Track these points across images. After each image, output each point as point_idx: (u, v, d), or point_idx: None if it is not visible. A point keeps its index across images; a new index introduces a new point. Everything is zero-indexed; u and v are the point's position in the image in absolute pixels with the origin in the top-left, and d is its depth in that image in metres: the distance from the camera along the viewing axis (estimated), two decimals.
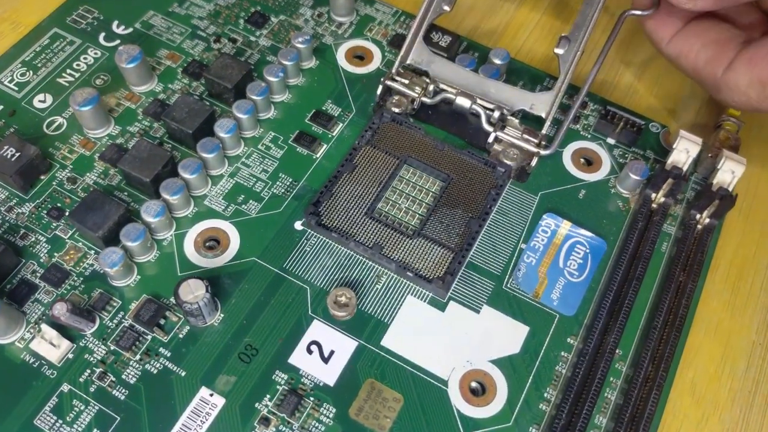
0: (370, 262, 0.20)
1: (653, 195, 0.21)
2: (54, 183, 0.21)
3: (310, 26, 0.26)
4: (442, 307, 0.20)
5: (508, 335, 0.19)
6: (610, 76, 0.26)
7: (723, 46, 0.21)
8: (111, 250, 0.19)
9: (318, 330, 0.19)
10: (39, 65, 0.24)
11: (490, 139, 0.22)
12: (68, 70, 0.24)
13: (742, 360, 0.20)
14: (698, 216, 0.21)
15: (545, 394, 0.19)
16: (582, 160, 0.23)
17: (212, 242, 0.21)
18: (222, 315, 0.19)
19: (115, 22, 0.25)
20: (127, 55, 0.22)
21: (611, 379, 0.19)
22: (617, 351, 0.19)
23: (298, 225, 0.21)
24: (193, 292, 0.18)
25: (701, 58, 0.21)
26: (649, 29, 0.23)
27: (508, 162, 0.22)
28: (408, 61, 0.23)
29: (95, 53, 0.24)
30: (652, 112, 0.25)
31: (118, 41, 0.25)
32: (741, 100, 0.21)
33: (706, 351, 0.20)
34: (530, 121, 0.23)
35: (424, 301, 0.20)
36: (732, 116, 0.24)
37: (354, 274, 0.20)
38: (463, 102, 0.23)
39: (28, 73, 0.24)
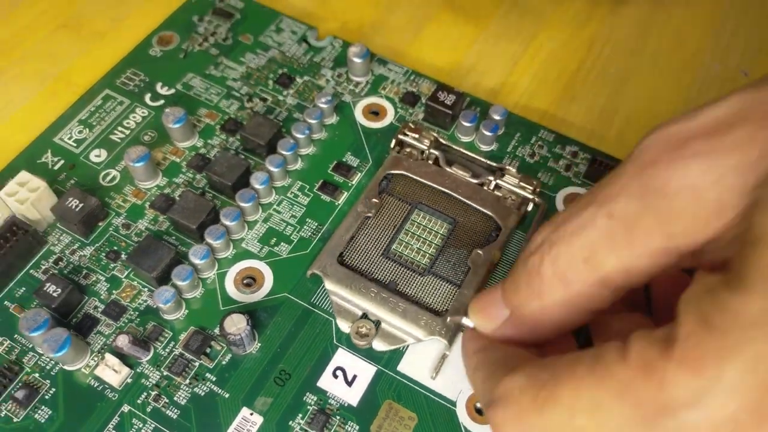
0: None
1: None
2: (110, 229, 0.25)
3: (330, 86, 0.29)
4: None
5: None
6: (599, 128, 0.29)
7: None
8: (164, 288, 0.22)
9: (342, 357, 0.22)
10: (94, 123, 0.27)
11: (491, 187, 0.25)
12: (119, 128, 0.27)
13: None
14: None
15: None
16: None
17: (249, 280, 0.24)
18: (259, 344, 0.22)
19: (159, 84, 0.29)
20: (173, 116, 0.26)
21: None
22: None
23: None
24: (236, 324, 0.21)
25: None
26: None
27: (508, 206, 0.25)
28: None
29: (143, 112, 0.28)
30: None
31: (162, 101, 0.28)
32: None
33: None
34: (526, 169, 0.26)
35: None
36: None
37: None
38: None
39: (84, 130, 0.27)
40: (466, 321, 0.20)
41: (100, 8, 0.32)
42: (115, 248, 0.24)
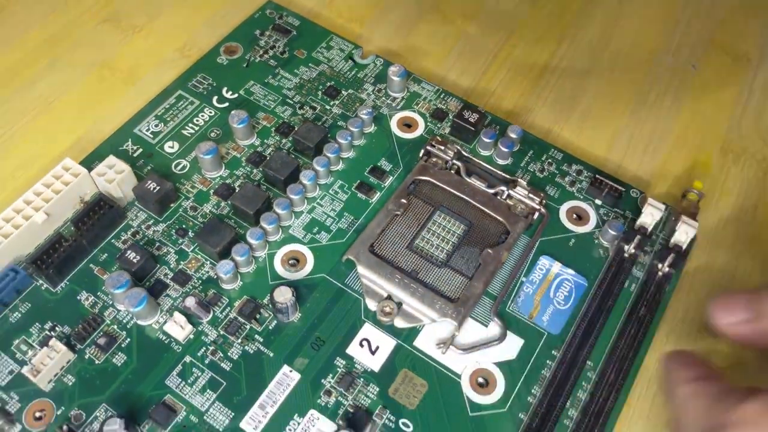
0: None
1: (626, 247, 0.28)
2: (180, 210, 0.29)
3: (371, 99, 0.33)
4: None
5: (508, 345, 0.26)
6: (602, 150, 0.33)
7: None
8: (224, 262, 0.26)
9: (368, 330, 0.26)
10: (168, 119, 0.32)
11: (503, 196, 0.30)
12: (190, 124, 0.32)
13: None
14: (659, 265, 0.28)
15: (532, 390, 0.25)
16: (574, 215, 0.30)
17: (294, 261, 0.28)
18: (300, 314, 0.27)
19: (225, 88, 0.33)
20: (238, 117, 0.30)
21: (582, 383, 0.26)
22: (588, 362, 0.26)
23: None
24: (284, 295, 0.25)
25: None
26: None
27: (517, 214, 0.29)
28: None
29: (210, 112, 0.32)
30: (636, 180, 0.32)
31: (227, 104, 0.33)
32: None
33: (654, 367, 0.27)
34: (536, 183, 0.30)
35: None
36: (695, 188, 0.30)
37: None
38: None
39: (160, 124, 0.32)
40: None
41: (136, 4, 0.38)
42: (184, 226, 0.29)
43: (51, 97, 0.34)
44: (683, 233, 0.28)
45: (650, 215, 0.28)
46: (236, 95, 0.33)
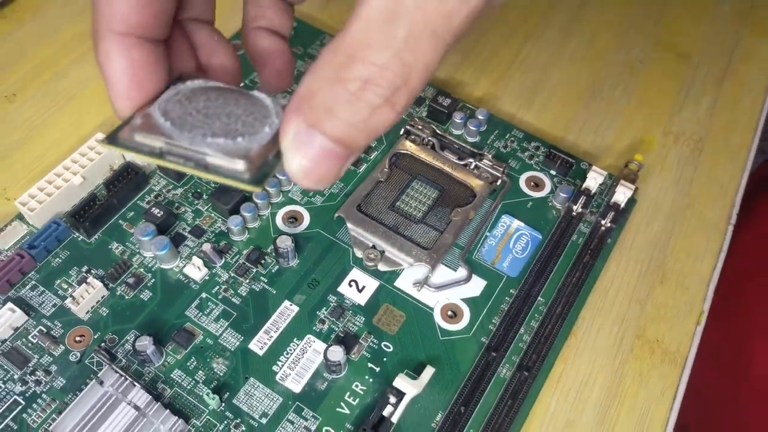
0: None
1: (574, 207, 0.33)
2: (195, 177, 0.34)
3: None
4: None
5: (473, 285, 0.31)
6: (559, 132, 0.39)
7: None
8: (235, 216, 0.31)
9: (356, 273, 0.31)
10: None
11: (471, 167, 0.35)
12: None
13: (617, 312, 0.32)
14: (602, 221, 0.33)
15: (493, 320, 0.30)
16: (532, 183, 0.35)
17: (292, 218, 0.33)
18: (298, 260, 0.31)
19: None
20: None
21: (535, 315, 0.30)
22: (540, 298, 0.31)
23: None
24: (285, 242, 0.30)
25: None
26: None
27: (482, 181, 0.34)
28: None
29: None
30: (586, 155, 0.37)
31: None
32: None
33: (596, 304, 0.32)
34: (500, 156, 0.35)
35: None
36: (636, 160, 0.36)
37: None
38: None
39: None
40: None
41: None
42: (199, 190, 0.33)
43: (81, 85, 0.39)
44: (621, 194, 0.33)
45: (593, 179, 0.33)
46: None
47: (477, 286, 0.31)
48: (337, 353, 0.27)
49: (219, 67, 0.23)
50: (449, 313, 0.30)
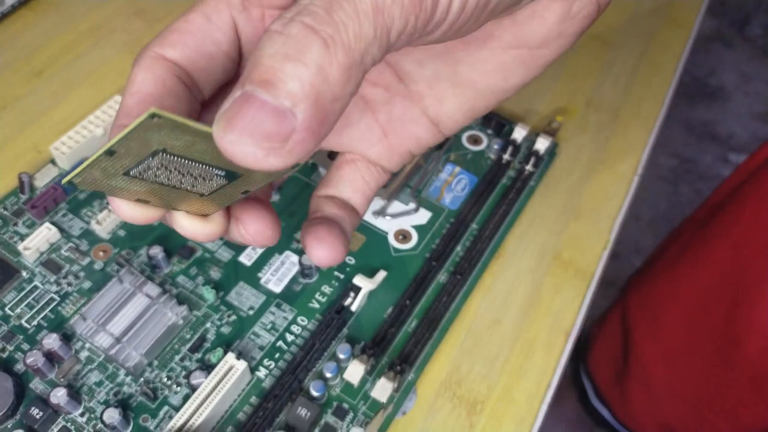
0: None
1: (503, 156, 0.41)
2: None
3: None
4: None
5: (420, 215, 0.39)
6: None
7: None
8: None
9: None
10: None
11: None
12: None
13: (539, 240, 0.39)
14: (525, 167, 0.41)
15: (435, 240, 0.38)
16: (472, 139, 0.43)
17: None
18: (279, 197, 0.39)
19: None
20: None
21: (470, 237, 0.38)
22: (473, 225, 0.38)
23: None
24: None
25: None
26: None
27: None
28: None
29: None
30: (518, 118, 0.45)
31: None
32: None
33: (521, 233, 0.39)
34: None
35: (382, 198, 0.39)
36: (557, 120, 0.43)
37: None
38: None
39: None
40: None
41: (157, 2, 0.50)
42: None
43: (96, 66, 0.46)
44: (540, 143, 0.41)
45: (519, 132, 0.41)
46: None
47: (424, 216, 0.39)
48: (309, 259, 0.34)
49: None
50: (400, 236, 0.38)
